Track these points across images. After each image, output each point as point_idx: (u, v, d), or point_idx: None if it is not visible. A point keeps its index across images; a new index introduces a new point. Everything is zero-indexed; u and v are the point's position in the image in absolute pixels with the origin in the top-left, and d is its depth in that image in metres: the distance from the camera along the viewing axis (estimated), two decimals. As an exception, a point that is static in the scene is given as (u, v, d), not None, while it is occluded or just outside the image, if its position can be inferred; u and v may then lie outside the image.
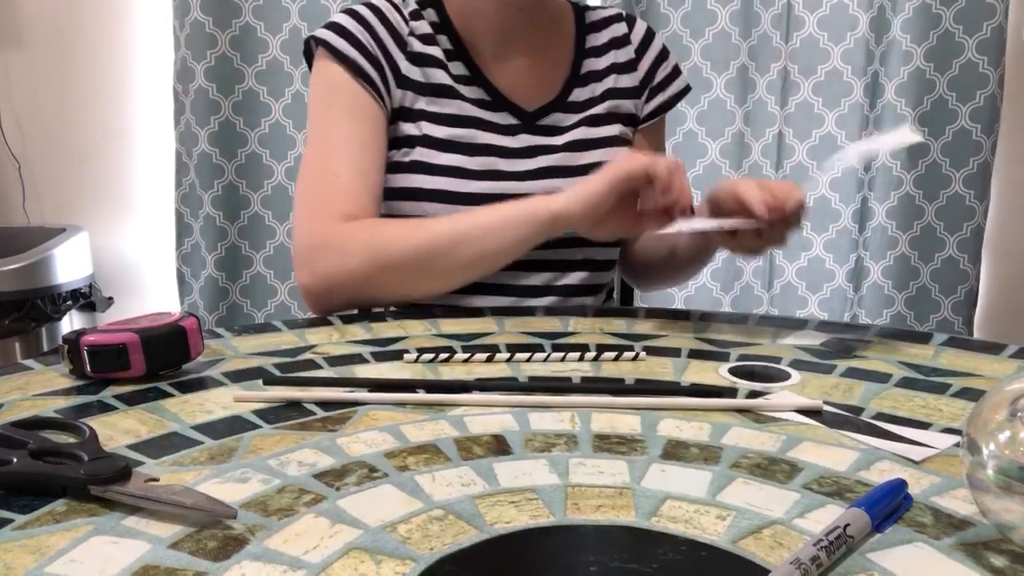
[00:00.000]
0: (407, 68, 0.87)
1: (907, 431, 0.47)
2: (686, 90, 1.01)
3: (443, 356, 0.61)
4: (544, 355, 0.62)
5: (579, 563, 0.32)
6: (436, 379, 0.57)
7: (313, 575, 0.31)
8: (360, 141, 0.84)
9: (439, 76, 0.88)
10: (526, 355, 0.62)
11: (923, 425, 0.48)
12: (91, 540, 0.34)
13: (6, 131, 2.02)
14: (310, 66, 0.89)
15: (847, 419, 0.49)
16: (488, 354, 0.62)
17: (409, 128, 0.87)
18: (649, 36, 0.99)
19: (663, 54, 0.99)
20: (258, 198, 1.84)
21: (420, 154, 0.86)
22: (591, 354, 0.62)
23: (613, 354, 0.62)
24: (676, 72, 1.00)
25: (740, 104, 1.81)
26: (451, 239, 0.77)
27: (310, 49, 0.89)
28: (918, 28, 1.76)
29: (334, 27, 0.86)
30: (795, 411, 0.50)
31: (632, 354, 0.62)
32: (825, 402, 0.51)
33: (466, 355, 0.61)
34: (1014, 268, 1.98)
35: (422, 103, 0.88)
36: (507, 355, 0.62)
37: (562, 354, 0.62)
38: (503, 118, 0.90)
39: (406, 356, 0.62)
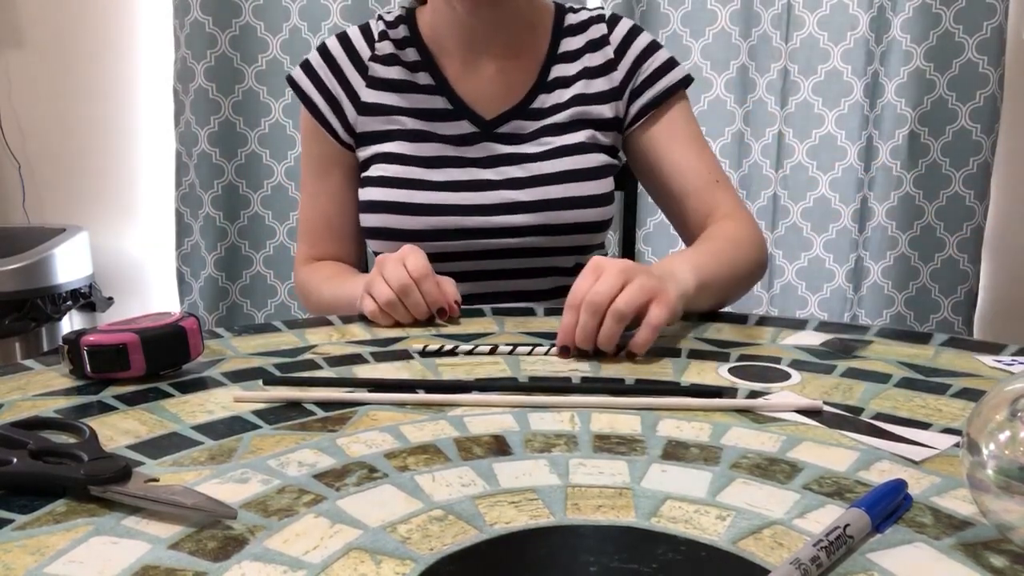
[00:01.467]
0: (366, 94, 0.92)
1: (907, 431, 0.47)
2: (683, 82, 0.93)
3: (449, 346, 0.62)
4: (545, 349, 0.62)
5: (579, 563, 0.32)
6: (436, 379, 0.57)
7: (313, 575, 0.31)
8: (325, 190, 0.96)
9: (398, 96, 0.92)
10: (528, 347, 0.63)
11: (923, 425, 0.48)
12: (91, 540, 0.34)
13: (6, 131, 2.02)
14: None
15: (847, 419, 0.49)
16: (491, 346, 0.63)
17: (373, 148, 0.91)
18: (632, 35, 0.94)
19: (648, 51, 0.93)
20: (258, 198, 1.84)
21: (383, 169, 0.90)
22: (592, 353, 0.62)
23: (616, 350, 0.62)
24: (668, 67, 0.93)
25: (740, 104, 1.81)
26: (325, 305, 0.90)
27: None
28: (918, 28, 1.76)
29: (304, 66, 0.94)
30: (795, 411, 0.50)
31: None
32: (825, 402, 0.51)
33: (470, 346, 0.63)
34: (1014, 268, 1.98)
35: (384, 124, 0.91)
36: (509, 348, 0.63)
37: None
38: (461, 127, 0.91)
39: (412, 347, 0.63)
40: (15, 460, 0.39)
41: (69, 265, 1.82)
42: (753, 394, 0.53)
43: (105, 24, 1.99)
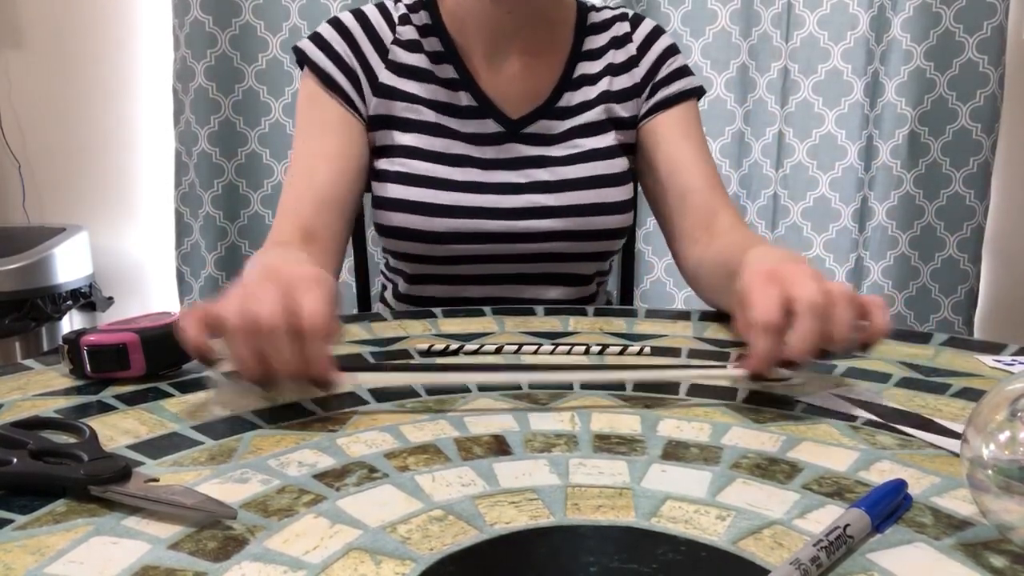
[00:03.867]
0: (386, 77, 0.87)
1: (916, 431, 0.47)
2: (696, 91, 0.94)
3: (453, 346, 0.62)
4: (551, 348, 0.63)
5: (579, 563, 0.32)
6: (449, 362, 0.57)
7: (313, 575, 0.31)
8: (325, 154, 0.85)
9: (419, 86, 0.88)
10: (532, 347, 0.63)
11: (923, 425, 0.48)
12: (91, 540, 0.34)
13: (6, 130, 2.02)
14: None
15: (882, 418, 0.49)
16: (496, 346, 0.63)
17: (391, 137, 0.87)
18: (655, 34, 0.94)
19: (669, 51, 0.94)
20: (258, 197, 1.84)
21: (402, 164, 0.86)
22: (596, 348, 0.62)
23: (619, 348, 0.62)
24: (683, 72, 0.94)
25: (740, 103, 1.81)
26: None
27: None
28: (918, 27, 1.76)
29: (315, 37, 0.87)
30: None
31: (636, 348, 0.62)
32: (843, 398, 0.51)
33: (475, 345, 0.63)
34: (1014, 268, 1.98)
35: (401, 112, 0.87)
36: (515, 347, 0.63)
37: (568, 347, 0.63)
38: (487, 126, 0.88)
39: (419, 346, 0.63)
40: (15, 460, 0.39)
41: (69, 265, 1.82)
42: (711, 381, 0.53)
43: (105, 24, 1.99)
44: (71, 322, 1.84)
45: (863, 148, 1.80)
